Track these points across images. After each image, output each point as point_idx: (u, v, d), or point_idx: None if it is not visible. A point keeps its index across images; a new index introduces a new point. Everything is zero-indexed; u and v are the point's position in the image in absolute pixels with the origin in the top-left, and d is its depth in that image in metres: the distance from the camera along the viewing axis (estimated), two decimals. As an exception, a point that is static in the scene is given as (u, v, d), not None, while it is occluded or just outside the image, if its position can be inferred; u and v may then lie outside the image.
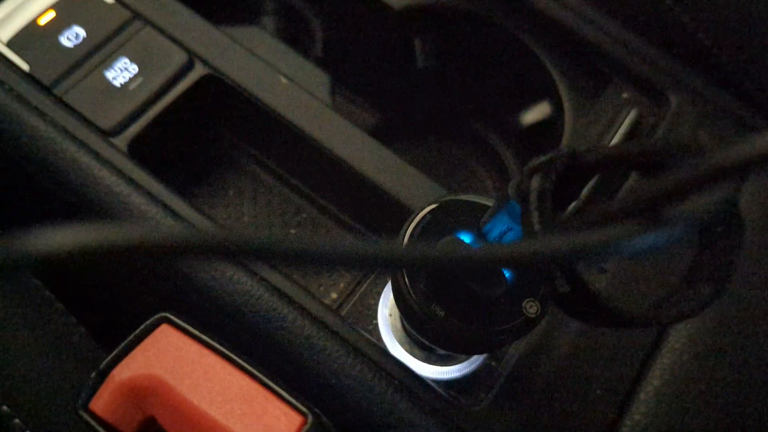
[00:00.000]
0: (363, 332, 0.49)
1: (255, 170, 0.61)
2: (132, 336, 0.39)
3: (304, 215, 0.60)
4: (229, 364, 0.39)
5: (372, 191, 0.55)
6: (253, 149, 0.61)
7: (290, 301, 0.48)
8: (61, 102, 0.53)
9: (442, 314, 0.40)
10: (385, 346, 0.50)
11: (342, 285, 0.57)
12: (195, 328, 0.41)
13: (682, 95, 0.62)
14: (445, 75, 0.74)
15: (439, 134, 0.81)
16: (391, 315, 0.51)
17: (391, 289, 0.52)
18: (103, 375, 0.38)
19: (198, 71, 0.56)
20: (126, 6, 0.57)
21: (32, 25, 0.55)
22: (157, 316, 0.40)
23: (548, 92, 0.67)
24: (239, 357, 0.40)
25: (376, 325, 0.51)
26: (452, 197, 0.44)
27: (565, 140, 0.62)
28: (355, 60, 0.77)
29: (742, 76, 0.64)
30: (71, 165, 0.50)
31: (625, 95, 0.63)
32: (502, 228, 0.41)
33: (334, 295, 0.57)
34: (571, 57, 0.65)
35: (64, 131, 0.51)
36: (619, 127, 0.59)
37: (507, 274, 0.42)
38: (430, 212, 0.44)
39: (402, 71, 0.76)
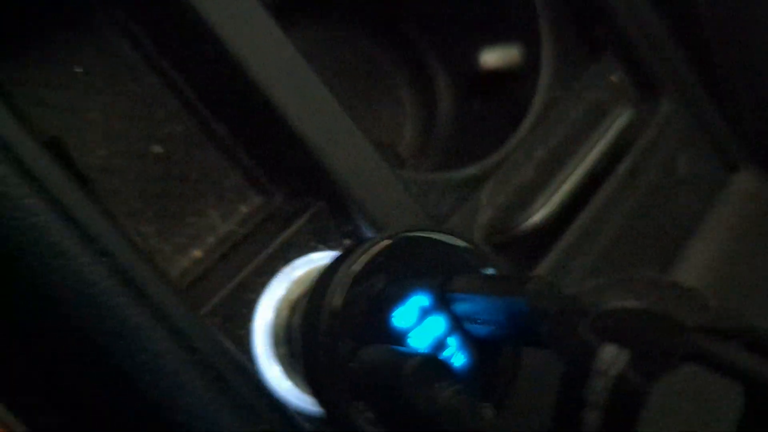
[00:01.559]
0: (225, 343, 0.35)
1: (120, 44, 0.41)
2: None
3: (177, 127, 0.42)
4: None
5: (287, 133, 0.39)
6: (125, 15, 0.41)
7: (133, 284, 0.33)
8: None
9: (371, 416, 0.28)
10: (257, 363, 0.36)
11: (211, 240, 0.42)
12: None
13: (674, 101, 0.51)
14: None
15: (362, 27, 0.64)
16: (275, 324, 0.37)
17: (281, 286, 0.38)
18: None
19: None
20: None
21: None
22: None
23: (524, 39, 0.52)
24: None
25: (251, 330, 0.37)
26: (412, 233, 0.31)
27: (529, 118, 0.48)
28: None
29: (734, 85, 0.54)
30: None
31: (614, 78, 0.51)
32: (477, 312, 0.29)
33: (197, 253, 0.41)
34: (568, 6, 0.51)
35: None
36: (607, 130, 0.46)
37: (462, 361, 0.30)
38: (382, 250, 0.30)
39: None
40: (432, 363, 0.25)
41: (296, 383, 0.37)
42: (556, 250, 0.45)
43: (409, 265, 0.31)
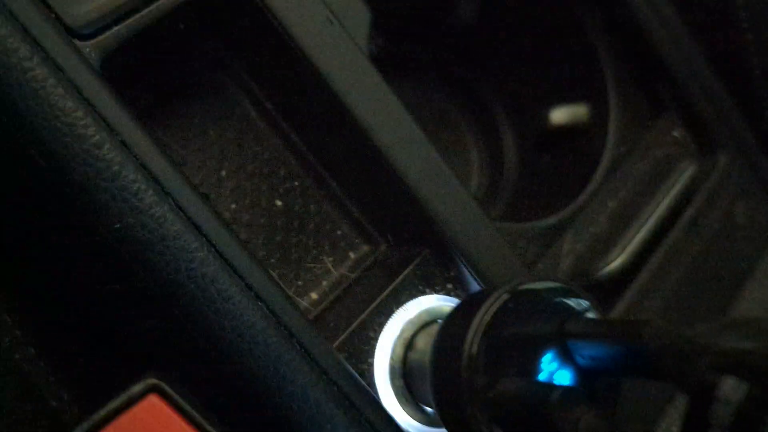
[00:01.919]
0: (357, 376, 0.40)
1: (248, 111, 0.47)
2: (107, 409, 0.28)
3: (296, 183, 0.48)
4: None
5: (396, 188, 0.44)
6: (254, 84, 0.47)
7: (277, 321, 0.38)
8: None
9: (505, 440, 0.33)
10: (378, 395, 0.41)
11: (325, 284, 0.47)
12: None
13: (731, 155, 0.56)
14: (476, 31, 0.62)
15: (434, 79, 0.69)
16: (392, 359, 0.42)
17: (396, 326, 0.43)
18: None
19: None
20: None
21: None
22: (146, 384, 0.28)
23: (591, 97, 0.58)
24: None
25: (371, 365, 0.42)
26: (527, 286, 0.36)
27: (600, 172, 0.54)
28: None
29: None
30: (19, 80, 0.34)
31: (676, 134, 0.56)
32: (590, 349, 0.34)
33: (314, 296, 0.46)
34: (634, 65, 0.56)
35: (14, 21, 0.34)
36: (674, 183, 0.52)
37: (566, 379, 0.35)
38: (504, 303, 0.35)
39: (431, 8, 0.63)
40: (572, 392, 0.30)
41: (409, 412, 0.42)
42: (629, 293, 0.50)
43: (525, 309, 0.36)
